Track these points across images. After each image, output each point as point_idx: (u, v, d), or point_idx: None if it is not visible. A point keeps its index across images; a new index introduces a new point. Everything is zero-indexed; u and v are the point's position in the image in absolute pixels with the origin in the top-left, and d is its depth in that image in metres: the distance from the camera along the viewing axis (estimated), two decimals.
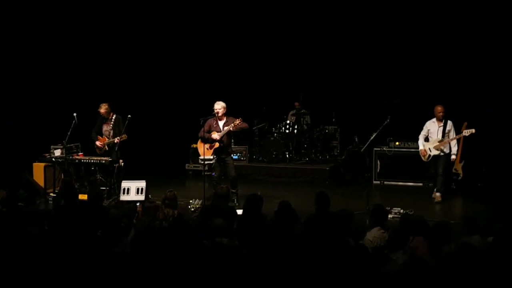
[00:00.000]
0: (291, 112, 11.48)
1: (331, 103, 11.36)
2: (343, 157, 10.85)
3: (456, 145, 8.25)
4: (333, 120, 11.26)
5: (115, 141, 8.08)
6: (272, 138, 10.92)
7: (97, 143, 8.32)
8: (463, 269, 3.59)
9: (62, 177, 8.63)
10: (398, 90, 10.35)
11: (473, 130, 7.86)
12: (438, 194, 8.18)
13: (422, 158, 8.32)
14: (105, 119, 8.36)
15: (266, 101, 11.35)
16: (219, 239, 4.39)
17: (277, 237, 4.39)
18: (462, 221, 4.67)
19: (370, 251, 4.09)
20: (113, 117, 8.34)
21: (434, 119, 8.23)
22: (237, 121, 7.69)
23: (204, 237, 4.43)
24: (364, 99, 10.98)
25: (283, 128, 10.96)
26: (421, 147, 8.31)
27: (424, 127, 8.34)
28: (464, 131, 7.96)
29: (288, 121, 11.07)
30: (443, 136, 8.07)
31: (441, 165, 8.14)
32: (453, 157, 8.23)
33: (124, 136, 8.09)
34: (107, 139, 8.26)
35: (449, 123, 8.13)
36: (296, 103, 11.33)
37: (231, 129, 7.66)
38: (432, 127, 8.24)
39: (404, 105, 9.75)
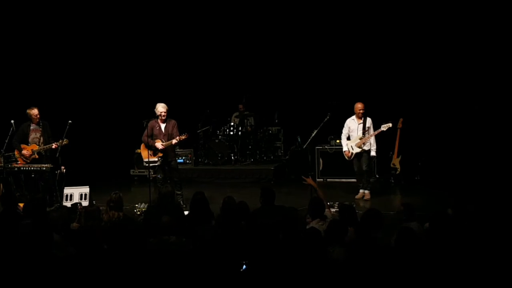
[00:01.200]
0: (235, 114, 11.63)
1: (273, 105, 11.63)
2: (287, 157, 11.09)
3: (375, 143, 8.25)
4: (276, 121, 11.51)
5: (53, 147, 7.81)
6: (216, 141, 11.01)
7: (24, 152, 7.93)
8: (405, 251, 3.80)
9: (1, 187, 8.33)
10: (337, 91, 10.70)
11: (390, 124, 7.93)
12: (367, 192, 8.27)
13: (346, 157, 8.37)
14: (32, 125, 7.99)
15: (209, 104, 11.43)
16: (166, 237, 4.42)
17: (224, 232, 4.47)
18: (402, 209, 4.90)
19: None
20: (41, 123, 8.02)
21: (354, 117, 8.27)
22: (183, 137, 7.66)
23: (150, 236, 4.46)
24: (305, 101, 11.29)
25: (228, 130, 11.08)
26: (344, 148, 8.34)
27: (345, 125, 8.36)
28: (382, 126, 7.96)
29: (232, 123, 11.20)
30: (363, 133, 8.12)
31: (364, 162, 8.20)
32: (372, 153, 8.24)
33: (66, 141, 7.83)
34: (36, 146, 7.99)
35: (368, 120, 8.19)
36: (240, 106, 11.49)
37: (174, 141, 7.66)
38: (352, 125, 8.27)
39: (343, 105, 10.09)
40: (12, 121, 7.76)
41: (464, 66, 9.95)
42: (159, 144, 7.65)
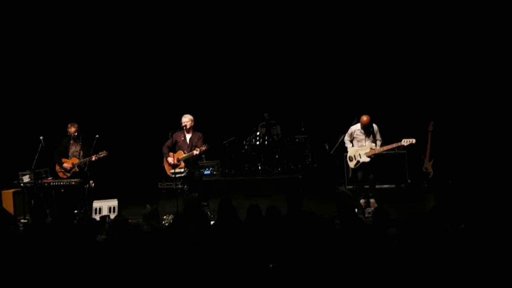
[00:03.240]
0: (261, 124, 11.56)
1: (299, 113, 11.52)
2: (315, 164, 10.93)
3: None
4: (303, 129, 11.38)
5: (93, 159, 7.91)
6: (243, 151, 10.95)
7: (65, 165, 8.15)
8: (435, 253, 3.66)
9: (32, 203, 8.44)
10: (364, 97, 10.53)
11: (413, 141, 7.42)
12: (373, 200, 7.82)
13: (349, 164, 7.96)
14: (72, 140, 8.22)
15: (234, 114, 11.41)
16: (191, 246, 4.35)
17: (250, 240, 4.37)
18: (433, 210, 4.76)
19: None
20: (81, 137, 8.23)
21: (359, 126, 7.80)
22: (203, 148, 7.63)
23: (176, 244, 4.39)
24: (331, 107, 11.15)
25: (254, 140, 11.01)
26: (350, 154, 7.88)
27: (350, 131, 7.92)
28: (403, 140, 7.42)
29: (258, 133, 11.13)
30: (374, 141, 7.75)
31: (372, 170, 7.77)
32: (372, 145, 7.73)
33: (105, 153, 7.92)
34: (77, 159, 8.12)
35: (375, 126, 7.79)
36: (265, 114, 11.43)
37: (195, 153, 7.64)
38: (359, 135, 7.82)
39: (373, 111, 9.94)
40: (41, 137, 7.87)
41: (495, 67, 9.68)
42: (170, 159, 7.66)
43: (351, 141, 7.95)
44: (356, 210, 6.75)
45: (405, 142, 7.43)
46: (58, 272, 4.04)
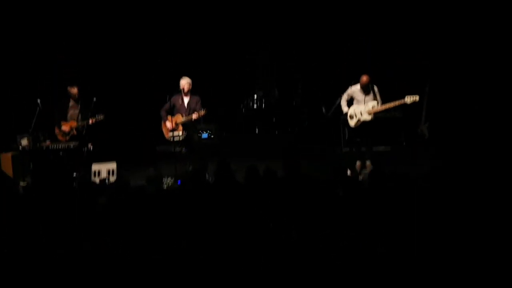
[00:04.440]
0: (258, 86, 11.56)
1: (296, 76, 11.51)
2: (311, 127, 11.00)
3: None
4: (299, 92, 11.39)
5: (90, 122, 7.97)
6: (240, 114, 10.99)
7: (63, 128, 8.20)
8: None
9: (31, 166, 8.51)
10: (360, 60, 10.50)
11: (417, 98, 7.42)
12: (368, 163, 7.88)
13: (350, 122, 7.94)
14: (72, 102, 8.25)
15: (231, 77, 11.40)
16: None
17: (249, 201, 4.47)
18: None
19: None
20: (79, 101, 8.25)
21: (358, 86, 7.82)
22: (202, 112, 7.68)
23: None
24: (328, 70, 11.13)
25: (251, 103, 11.03)
26: (350, 112, 7.91)
27: (349, 90, 7.95)
28: (406, 97, 7.43)
29: (255, 96, 11.15)
30: (375, 100, 7.75)
31: (371, 130, 7.86)
32: (374, 103, 7.77)
33: (102, 116, 8.00)
34: (75, 122, 8.16)
35: (375, 88, 7.83)
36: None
37: (194, 116, 7.67)
38: (358, 95, 7.85)
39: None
40: (39, 100, 7.87)
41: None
42: (168, 123, 7.72)
43: (351, 103, 7.98)
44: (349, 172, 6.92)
45: (408, 98, 7.42)
46: (59, 236, 4.11)
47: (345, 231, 3.72)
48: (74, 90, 8.24)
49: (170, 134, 7.81)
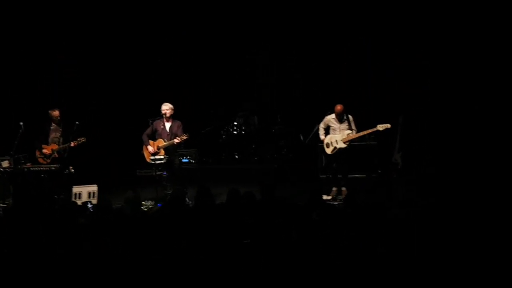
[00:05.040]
0: (239, 114, 11.79)
1: (276, 105, 11.82)
2: (290, 155, 11.24)
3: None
4: (279, 120, 11.66)
5: (72, 145, 8.05)
6: (220, 140, 11.19)
7: (44, 151, 8.26)
8: None
9: (11, 188, 8.53)
10: (338, 89, 10.84)
11: (389, 126, 7.83)
12: (344, 189, 8.21)
13: (326, 150, 8.29)
14: (54, 125, 8.34)
15: (213, 104, 11.62)
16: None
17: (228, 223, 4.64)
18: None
19: None
20: (61, 124, 8.36)
21: (334, 115, 8.21)
22: (184, 137, 7.89)
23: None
24: (307, 100, 11.46)
25: (231, 130, 11.26)
26: (326, 141, 8.25)
27: (325, 120, 8.32)
28: (378, 125, 7.84)
29: (236, 123, 11.38)
30: (350, 129, 8.10)
31: (346, 158, 8.21)
32: (349, 131, 8.11)
33: (83, 139, 8.07)
34: (56, 145, 8.25)
35: (350, 117, 8.18)
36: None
37: (175, 141, 7.86)
38: (333, 123, 8.23)
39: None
40: (21, 123, 7.97)
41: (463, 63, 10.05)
42: (150, 148, 7.89)
43: (327, 131, 8.32)
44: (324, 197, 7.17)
45: (381, 127, 7.84)
46: (40, 256, 4.19)
47: (318, 251, 3.91)
48: (56, 113, 8.32)
49: (152, 157, 7.96)
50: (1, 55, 10.10)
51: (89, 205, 7.19)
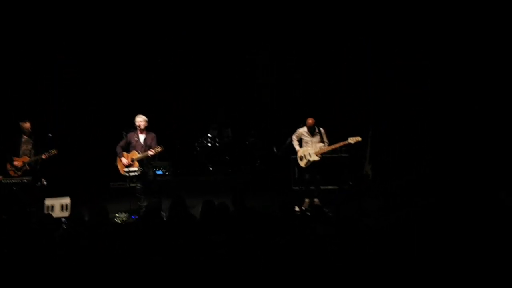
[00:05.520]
0: (212, 126, 11.89)
1: (249, 117, 11.96)
2: (263, 167, 11.38)
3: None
4: (252, 132, 11.80)
5: (44, 157, 7.99)
6: (194, 152, 11.26)
7: (15, 163, 8.18)
8: None
9: None
10: (311, 103, 11.05)
11: (359, 138, 8.05)
12: (317, 200, 8.40)
13: (300, 163, 8.49)
14: (25, 137, 8.27)
15: (187, 116, 11.71)
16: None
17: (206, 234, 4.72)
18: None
19: None
20: (32, 136, 8.30)
21: (306, 129, 8.43)
22: (158, 149, 7.94)
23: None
24: (281, 112, 11.64)
25: (205, 142, 11.35)
26: (300, 154, 8.46)
27: (297, 132, 8.54)
28: (349, 138, 8.06)
29: (209, 135, 11.47)
30: (322, 141, 8.36)
31: (319, 170, 8.42)
32: (321, 144, 8.36)
33: (54, 151, 8.01)
34: (27, 158, 8.19)
35: (322, 130, 8.44)
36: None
37: (149, 153, 7.90)
38: (306, 136, 8.44)
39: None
40: None
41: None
42: (124, 160, 7.92)
43: (299, 143, 8.52)
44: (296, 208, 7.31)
45: (352, 140, 8.06)
46: (18, 270, 4.20)
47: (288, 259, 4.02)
48: (27, 125, 8.27)
49: (126, 169, 7.98)
50: None
51: (63, 220, 7.14)
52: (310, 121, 8.38)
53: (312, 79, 11.45)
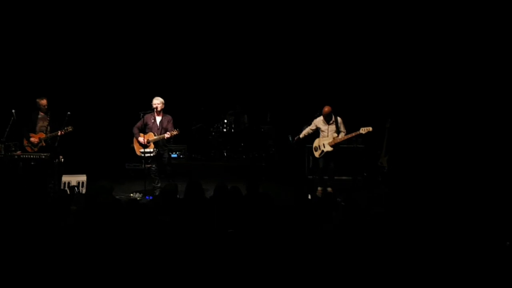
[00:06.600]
0: (229, 112, 11.93)
1: (266, 105, 11.96)
2: (278, 154, 11.39)
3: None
4: (268, 120, 11.81)
5: (59, 134, 8.10)
6: (210, 137, 11.31)
7: (32, 139, 8.31)
8: None
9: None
10: (328, 91, 11.00)
11: (370, 129, 7.95)
12: (330, 189, 8.37)
13: (315, 153, 8.52)
14: (42, 114, 8.39)
15: (204, 102, 11.74)
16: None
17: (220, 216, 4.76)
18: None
19: None
20: (49, 113, 8.42)
21: (322, 118, 8.43)
22: (174, 132, 7.98)
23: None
24: (297, 100, 11.60)
25: (221, 127, 11.39)
26: (314, 143, 8.52)
27: (313, 123, 8.57)
28: (361, 129, 7.99)
29: (226, 121, 11.51)
30: (337, 132, 8.31)
31: (333, 160, 8.39)
32: (335, 135, 8.32)
33: (70, 128, 8.11)
34: (44, 134, 8.30)
35: (339, 119, 8.37)
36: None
37: (166, 136, 7.97)
38: (322, 126, 8.44)
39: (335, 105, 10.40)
40: (13, 110, 8.01)
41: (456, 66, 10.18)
42: (141, 139, 7.98)
43: (316, 133, 8.52)
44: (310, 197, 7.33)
45: (363, 130, 7.98)
46: (35, 243, 4.27)
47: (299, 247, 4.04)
48: (43, 102, 8.39)
49: (141, 150, 8.06)
50: None
51: (76, 190, 7.27)
52: (326, 109, 8.35)
53: (332, 68, 11.36)
